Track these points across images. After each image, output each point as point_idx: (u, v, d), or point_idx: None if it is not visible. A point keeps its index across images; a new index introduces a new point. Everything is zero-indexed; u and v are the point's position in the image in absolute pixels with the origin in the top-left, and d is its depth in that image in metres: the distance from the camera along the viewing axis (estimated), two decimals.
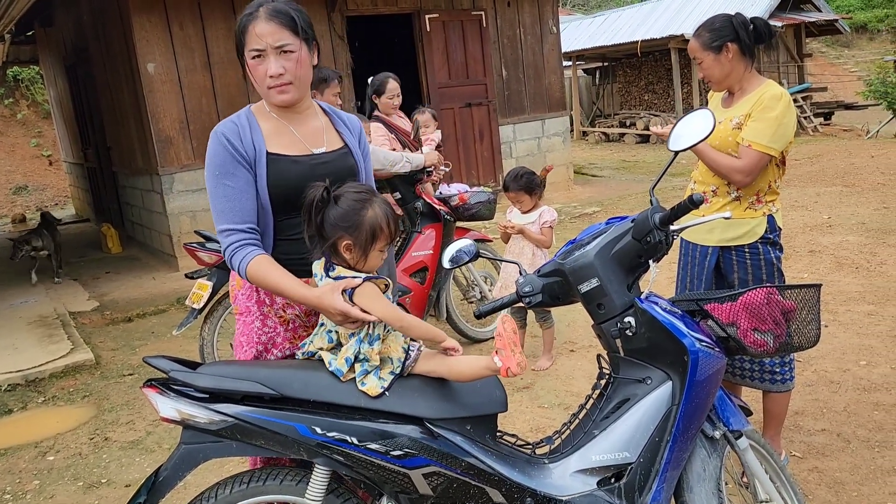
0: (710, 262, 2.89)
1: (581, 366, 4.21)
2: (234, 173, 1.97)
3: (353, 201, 1.88)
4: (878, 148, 11.57)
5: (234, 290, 2.17)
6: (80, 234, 10.92)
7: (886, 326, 4.31)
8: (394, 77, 4.90)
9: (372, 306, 1.84)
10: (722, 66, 2.79)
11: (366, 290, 1.85)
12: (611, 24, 19.64)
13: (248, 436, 1.82)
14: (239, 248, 1.96)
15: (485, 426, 1.95)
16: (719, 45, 2.77)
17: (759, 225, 2.79)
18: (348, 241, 1.87)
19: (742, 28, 2.75)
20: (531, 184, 4.15)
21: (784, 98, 2.71)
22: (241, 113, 2.07)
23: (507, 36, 9.85)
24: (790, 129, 2.73)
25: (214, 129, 2.01)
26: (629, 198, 9.61)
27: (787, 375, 2.87)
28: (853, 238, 6.24)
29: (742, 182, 2.74)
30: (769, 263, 2.81)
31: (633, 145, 17.26)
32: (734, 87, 2.85)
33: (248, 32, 1.96)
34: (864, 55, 27.12)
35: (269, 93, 2.01)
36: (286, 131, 2.07)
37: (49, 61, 12.44)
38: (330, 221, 1.87)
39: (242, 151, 1.98)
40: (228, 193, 1.97)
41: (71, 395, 4.52)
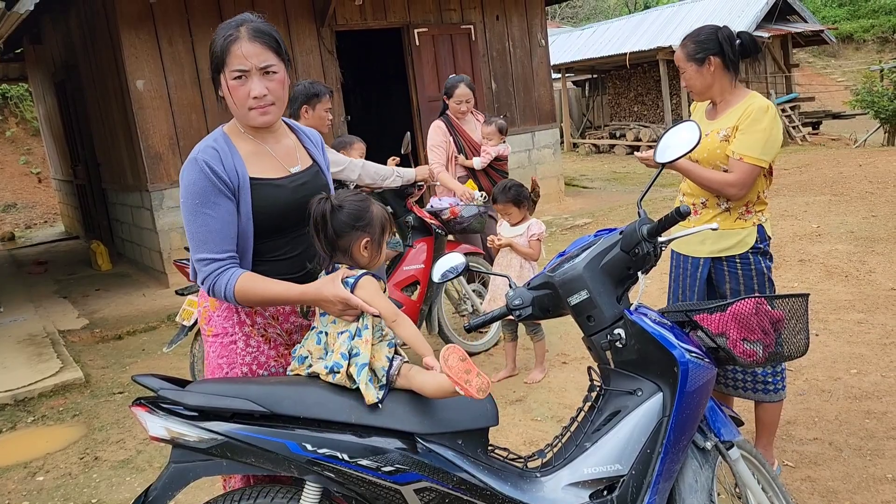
0: (703, 273, 2.90)
1: (574, 378, 4.21)
2: (215, 202, 1.92)
3: (358, 202, 1.94)
4: (866, 157, 11.66)
5: (208, 312, 2.11)
6: (69, 251, 10.87)
7: (876, 334, 4.32)
8: (467, 83, 5.03)
9: (372, 299, 1.85)
10: (704, 78, 2.82)
11: (366, 283, 1.88)
12: (599, 36, 19.79)
13: (238, 454, 1.81)
14: (220, 274, 1.94)
15: (476, 440, 1.94)
16: (702, 57, 2.79)
17: (749, 235, 2.81)
18: (367, 238, 1.92)
19: (726, 42, 2.77)
20: (519, 196, 4.17)
21: (770, 110, 2.73)
22: (217, 136, 2.01)
23: (497, 49, 9.91)
24: (779, 140, 2.75)
25: (193, 156, 1.95)
26: (620, 209, 9.65)
27: (779, 385, 2.88)
28: (842, 247, 6.28)
29: (737, 195, 2.76)
30: (760, 273, 2.83)
31: (623, 156, 17.34)
32: (717, 99, 2.87)
33: (231, 53, 1.93)
34: (850, 65, 27.40)
35: (251, 114, 1.98)
36: (264, 152, 2.04)
37: (38, 78, 12.43)
38: (342, 227, 1.90)
39: (226, 178, 1.93)
40: (208, 223, 1.93)
41: (61, 415, 4.48)
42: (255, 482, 2.05)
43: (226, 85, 1.96)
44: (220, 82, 1.98)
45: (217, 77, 1.98)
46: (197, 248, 1.95)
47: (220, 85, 1.99)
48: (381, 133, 10.81)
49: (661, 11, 19.42)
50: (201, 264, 1.95)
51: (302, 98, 4.09)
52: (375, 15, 8.78)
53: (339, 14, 8.43)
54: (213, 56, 1.97)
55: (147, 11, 7.24)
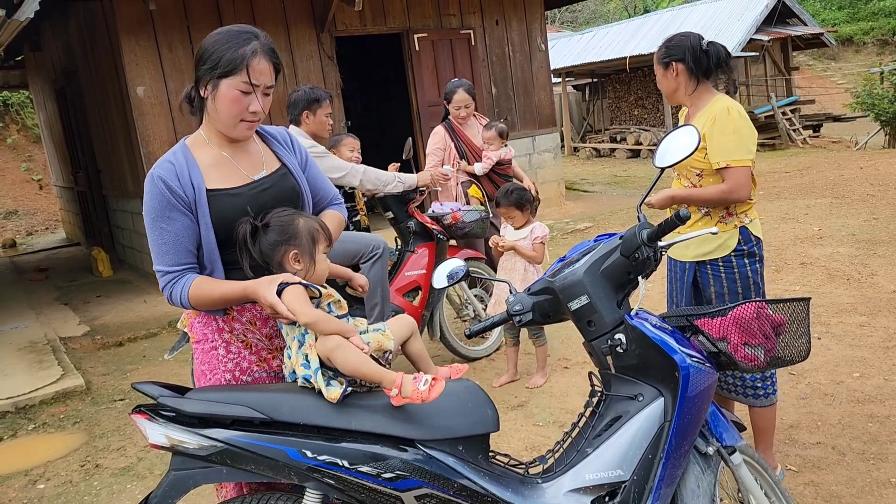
0: (688, 277, 2.94)
1: (575, 382, 4.20)
2: (169, 217, 1.94)
3: (283, 217, 1.96)
4: (867, 159, 11.66)
5: (189, 319, 2.13)
6: (70, 258, 10.88)
7: (878, 338, 4.31)
8: (466, 88, 5.02)
9: (291, 305, 1.83)
10: (668, 82, 2.92)
11: (291, 290, 1.85)
12: (599, 40, 19.82)
13: (238, 461, 1.80)
14: (174, 284, 1.96)
15: (477, 446, 1.94)
16: (667, 62, 2.90)
17: (730, 238, 2.83)
18: (294, 250, 1.92)
19: (690, 50, 2.84)
20: (521, 199, 4.17)
21: (733, 110, 2.78)
22: (177, 150, 2.01)
23: (496, 54, 9.92)
24: (752, 135, 2.79)
25: (150, 172, 1.96)
26: (621, 212, 9.64)
27: (768, 390, 2.91)
28: (844, 249, 6.27)
29: (742, 198, 2.78)
30: (744, 276, 2.84)
31: (623, 160, 17.36)
32: (686, 103, 2.96)
33: (251, 65, 1.91)
34: (850, 67, 27.42)
35: (240, 126, 1.99)
36: (225, 162, 2.03)
37: (38, 85, 12.45)
38: (269, 244, 1.92)
39: (181, 193, 1.93)
40: (164, 237, 1.95)
41: (61, 422, 4.48)
42: (249, 490, 2.05)
43: (225, 91, 1.94)
44: (218, 86, 1.94)
45: (214, 80, 1.94)
46: (155, 260, 1.99)
47: (214, 88, 1.94)
48: (381, 138, 10.83)
49: (660, 15, 19.46)
50: (159, 276, 1.98)
51: (303, 103, 4.11)
52: (375, 20, 8.80)
53: (339, 20, 8.45)
54: (222, 60, 1.91)
55: (147, 18, 7.25)
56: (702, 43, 2.85)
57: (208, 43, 1.96)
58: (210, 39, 1.97)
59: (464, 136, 5.06)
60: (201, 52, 1.97)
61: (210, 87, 1.95)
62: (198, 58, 1.98)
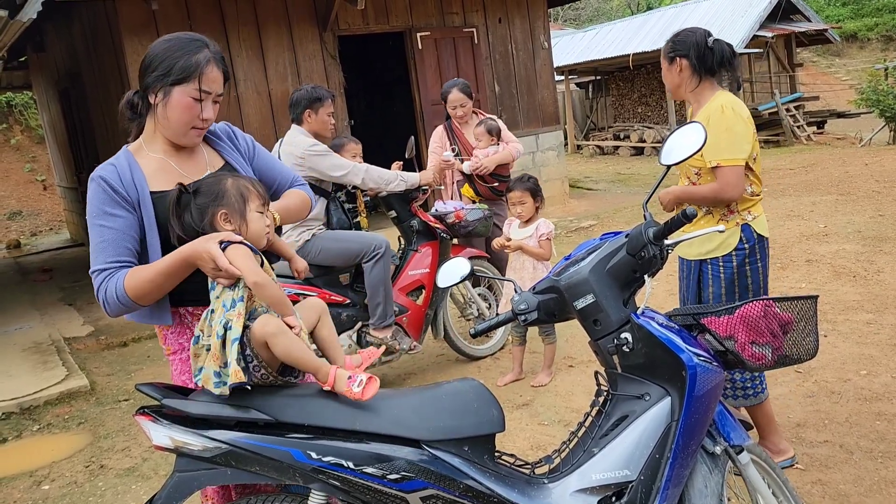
0: (693, 275, 2.96)
1: (581, 381, 4.18)
2: (111, 214, 1.90)
3: (210, 182, 1.90)
4: (872, 156, 11.61)
5: (162, 331, 2.08)
6: (74, 258, 10.89)
7: (886, 335, 4.29)
8: (460, 87, 5.00)
9: (238, 262, 1.77)
10: (672, 77, 2.94)
11: (239, 249, 1.80)
12: (602, 37, 19.76)
13: (242, 462, 1.79)
14: (107, 280, 1.88)
15: (483, 447, 1.92)
16: (672, 56, 2.91)
17: (731, 236, 2.83)
18: (223, 210, 1.87)
19: (695, 47, 2.84)
20: (536, 186, 4.17)
21: (726, 108, 2.77)
22: (120, 155, 2.00)
23: (499, 52, 9.89)
24: (745, 134, 2.77)
25: (92, 174, 1.94)
26: (625, 210, 9.62)
27: (757, 389, 2.94)
28: (850, 246, 6.24)
29: (734, 197, 2.78)
30: (743, 277, 2.84)
31: (627, 158, 17.31)
32: (689, 100, 2.97)
33: (204, 73, 1.93)
34: (854, 64, 27.31)
35: (190, 133, 1.99)
36: (169, 167, 2.01)
37: (42, 86, 12.46)
38: (197, 207, 1.87)
39: (123, 193, 1.91)
40: (104, 234, 1.90)
41: (66, 423, 4.48)
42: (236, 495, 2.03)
43: (178, 98, 1.93)
44: (170, 93, 1.93)
45: (166, 87, 1.93)
46: (93, 261, 1.91)
47: (166, 96, 1.93)
48: (384, 137, 10.82)
49: (663, 12, 19.40)
50: (94, 277, 1.90)
51: (305, 102, 4.10)
52: (378, 19, 8.78)
53: (342, 19, 8.44)
54: (175, 67, 1.92)
55: (149, 18, 7.25)
56: (707, 40, 2.84)
57: (158, 50, 1.96)
58: (159, 46, 1.96)
59: (461, 135, 5.05)
60: (149, 58, 1.96)
61: (161, 95, 1.94)
62: (146, 64, 1.97)
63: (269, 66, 8.07)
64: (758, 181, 2.89)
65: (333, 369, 1.83)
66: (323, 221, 4.13)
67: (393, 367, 4.74)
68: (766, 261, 2.92)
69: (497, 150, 4.91)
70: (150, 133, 2.04)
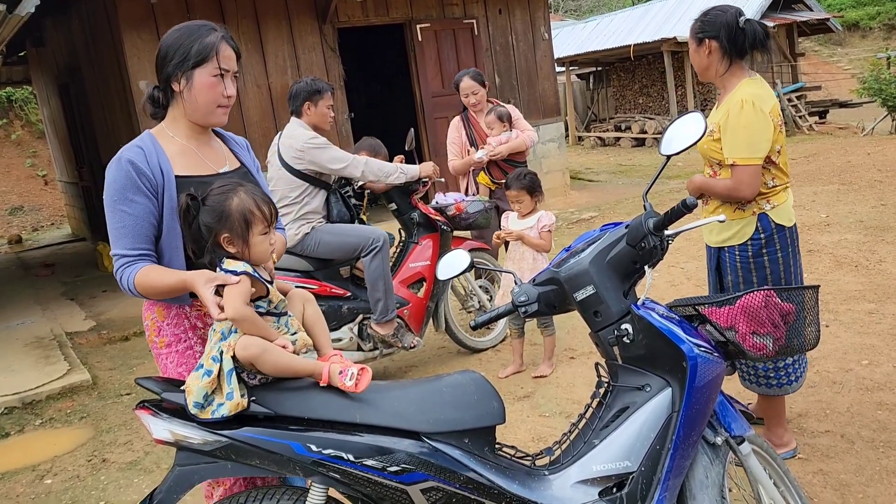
0: (713, 262, 2.97)
1: (582, 373, 4.18)
2: (132, 199, 1.95)
3: (218, 195, 1.88)
4: (874, 145, 11.58)
5: (157, 323, 2.11)
6: (75, 253, 10.90)
7: (887, 325, 4.28)
8: (472, 75, 4.97)
9: (226, 302, 1.80)
10: (700, 58, 2.85)
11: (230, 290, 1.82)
12: (603, 28, 19.70)
13: (242, 455, 1.79)
14: (126, 268, 1.96)
15: (483, 439, 1.92)
16: (701, 37, 2.82)
17: (747, 225, 2.81)
18: (226, 234, 1.87)
19: (725, 28, 2.75)
20: (533, 184, 4.15)
21: (746, 103, 2.69)
22: (144, 137, 2.04)
23: (500, 43, 9.86)
24: (764, 132, 2.70)
25: (118, 155, 1.98)
26: (626, 202, 9.60)
27: (782, 380, 2.93)
28: (851, 236, 6.22)
29: (747, 196, 2.76)
30: (760, 268, 2.82)
31: (628, 149, 17.28)
32: (717, 83, 2.89)
33: (220, 51, 2.00)
34: (856, 53, 27.20)
35: (217, 111, 2.06)
36: (191, 153, 2.07)
37: (42, 81, 12.45)
38: (203, 224, 1.87)
39: (150, 175, 1.96)
40: (124, 220, 1.95)
41: (68, 417, 4.48)
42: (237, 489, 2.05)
43: (201, 80, 2.00)
44: (192, 77, 2.00)
45: (188, 71, 1.99)
46: (113, 244, 1.99)
47: (189, 80, 2.00)
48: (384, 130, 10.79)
49: (665, 2, 19.31)
50: (115, 259, 1.99)
51: (305, 94, 4.08)
52: (377, 11, 8.75)
53: (341, 11, 8.41)
54: (192, 51, 1.99)
55: (148, 12, 7.23)
56: (739, 20, 2.74)
57: (170, 40, 2.03)
58: (171, 37, 2.03)
59: (476, 124, 5.03)
60: (164, 49, 2.02)
61: (184, 80, 2.01)
62: (162, 56, 2.03)
63: (268, 60, 8.05)
64: (781, 174, 2.85)
65: (326, 367, 1.84)
66: (323, 214, 4.12)
67: (394, 359, 4.75)
68: (791, 249, 2.86)
69: (510, 137, 4.87)
70: (172, 119, 2.09)
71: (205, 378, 1.79)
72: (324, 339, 2.03)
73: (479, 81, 4.95)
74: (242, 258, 1.89)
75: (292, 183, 4.00)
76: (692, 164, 11.58)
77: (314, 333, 2.02)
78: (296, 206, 4.01)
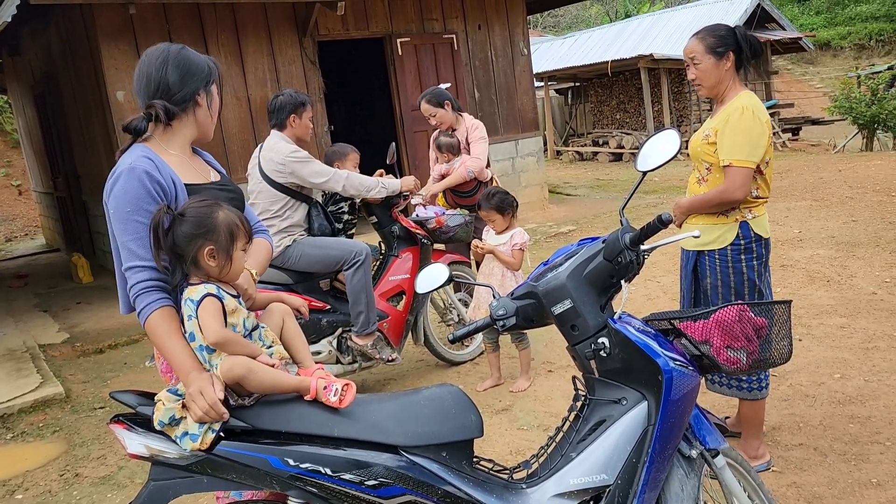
0: (690, 265, 3.04)
1: (559, 386, 4.20)
2: (148, 210, 1.89)
3: (201, 208, 1.87)
4: (846, 162, 11.79)
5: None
6: (49, 264, 10.75)
7: (858, 339, 4.35)
8: (427, 99, 4.95)
9: (204, 328, 1.80)
10: (718, 73, 2.89)
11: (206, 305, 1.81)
12: (581, 44, 19.93)
13: (219, 470, 1.78)
14: (147, 292, 1.87)
15: (461, 452, 1.93)
16: (723, 51, 2.87)
17: (729, 231, 2.91)
18: (210, 246, 1.84)
19: (744, 40, 2.86)
20: (503, 203, 4.17)
21: (747, 110, 2.81)
22: (145, 150, 2.00)
23: (479, 58, 9.93)
24: (760, 138, 2.81)
25: (130, 166, 1.92)
26: (604, 216, 9.68)
27: (753, 385, 3.01)
28: (824, 252, 6.33)
29: (739, 199, 2.85)
30: (738, 272, 2.91)
31: (606, 163, 17.44)
32: (718, 97, 2.97)
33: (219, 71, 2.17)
34: (828, 72, 27.75)
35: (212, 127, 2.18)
36: (187, 164, 2.09)
37: (17, 90, 12.31)
38: (184, 235, 1.83)
39: (164, 184, 1.94)
40: (140, 230, 1.89)
41: (40, 431, 4.41)
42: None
43: (214, 96, 2.14)
44: (210, 92, 2.12)
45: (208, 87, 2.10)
46: (127, 257, 1.90)
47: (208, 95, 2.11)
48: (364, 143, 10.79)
49: (641, 20, 19.60)
50: (132, 272, 1.89)
51: (290, 107, 4.09)
52: (357, 25, 8.78)
53: (321, 24, 8.43)
54: (206, 69, 2.10)
55: (127, 23, 7.19)
56: (746, 34, 2.86)
57: (188, 57, 2.08)
58: (184, 54, 2.08)
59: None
60: (186, 66, 2.06)
61: (206, 95, 2.11)
62: (184, 72, 2.05)
63: (248, 72, 8.04)
64: (765, 186, 2.95)
65: (313, 383, 1.84)
66: (304, 227, 4.11)
67: (372, 372, 4.73)
68: (765, 259, 2.99)
69: (451, 167, 4.90)
70: (171, 134, 2.09)
71: (175, 402, 1.78)
72: (304, 352, 2.03)
73: (436, 104, 4.92)
74: (219, 275, 1.88)
75: (274, 196, 4.00)
76: (668, 179, 11.72)
77: (294, 347, 2.02)
78: (277, 219, 4.00)
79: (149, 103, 2.04)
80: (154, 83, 2.04)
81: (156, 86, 2.04)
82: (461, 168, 4.83)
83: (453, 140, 4.92)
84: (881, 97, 14.93)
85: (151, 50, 2.08)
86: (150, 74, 2.04)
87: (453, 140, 4.92)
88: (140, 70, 2.07)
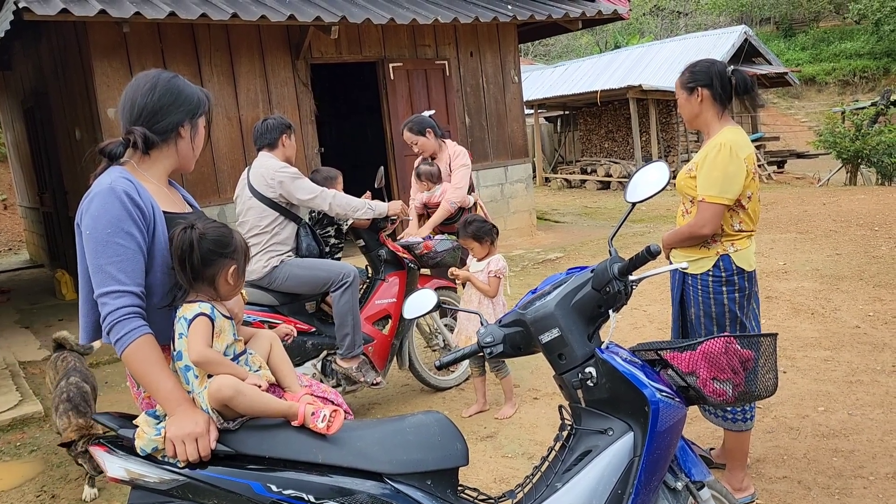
0: (676, 294, 3.08)
1: (545, 413, 4.19)
2: (128, 232, 1.82)
3: (220, 228, 1.90)
4: (830, 195, 11.94)
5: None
6: (33, 280, 10.64)
7: (842, 372, 4.38)
8: (407, 128, 5.01)
9: (190, 346, 1.80)
10: (691, 107, 3.00)
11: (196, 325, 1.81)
12: (571, 73, 20.15)
13: (200, 495, 1.75)
14: (127, 319, 1.79)
15: (446, 480, 1.91)
16: (692, 87, 2.97)
17: (707, 260, 2.97)
18: (234, 265, 1.88)
19: (717, 77, 2.94)
20: (479, 231, 4.17)
21: (724, 147, 2.86)
22: (123, 172, 1.94)
23: (470, 85, 10.02)
24: (736, 175, 2.85)
25: (109, 186, 1.86)
26: (591, 243, 9.72)
27: (737, 416, 3.03)
28: (808, 284, 6.38)
29: (706, 234, 2.91)
30: (720, 304, 2.95)
31: (594, 191, 17.55)
32: (703, 130, 3.05)
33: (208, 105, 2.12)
34: (813, 106, 28.23)
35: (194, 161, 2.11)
36: (164, 193, 2.03)
37: (7, 104, 12.26)
38: (209, 255, 1.84)
39: (143, 207, 1.87)
40: (120, 253, 1.80)
41: (18, 450, 4.33)
42: None
43: (200, 128, 2.08)
44: (196, 124, 2.06)
45: (194, 120, 2.05)
46: (104, 281, 1.80)
47: (194, 127, 2.06)
48: (355, 166, 10.84)
49: (630, 51, 19.88)
50: (110, 297, 1.79)
51: (281, 127, 4.16)
52: (351, 48, 8.84)
53: (315, 47, 8.48)
54: (195, 100, 2.05)
55: (120, 40, 7.21)
56: (727, 70, 2.95)
57: (178, 86, 2.03)
58: (174, 83, 2.03)
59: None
60: (174, 95, 2.01)
61: (189, 127, 2.05)
62: (170, 102, 2.00)
63: (240, 93, 8.06)
64: (749, 219, 2.98)
65: (301, 408, 1.82)
66: (292, 247, 4.10)
67: (357, 396, 4.70)
68: (748, 292, 3.01)
69: (432, 196, 4.94)
70: (152, 161, 2.02)
71: (156, 430, 1.76)
72: (291, 378, 2.02)
73: (417, 131, 4.97)
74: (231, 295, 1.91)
75: (263, 212, 4.00)
76: (656, 208, 11.81)
77: (282, 372, 2.01)
78: (265, 235, 3.99)
79: (128, 129, 1.98)
80: (138, 109, 1.98)
81: (139, 112, 1.98)
82: (444, 203, 4.86)
83: (433, 168, 4.96)
84: (865, 133, 15.17)
85: (142, 74, 2.03)
86: (136, 100, 1.99)
87: (433, 168, 4.96)
88: (126, 94, 2.02)
